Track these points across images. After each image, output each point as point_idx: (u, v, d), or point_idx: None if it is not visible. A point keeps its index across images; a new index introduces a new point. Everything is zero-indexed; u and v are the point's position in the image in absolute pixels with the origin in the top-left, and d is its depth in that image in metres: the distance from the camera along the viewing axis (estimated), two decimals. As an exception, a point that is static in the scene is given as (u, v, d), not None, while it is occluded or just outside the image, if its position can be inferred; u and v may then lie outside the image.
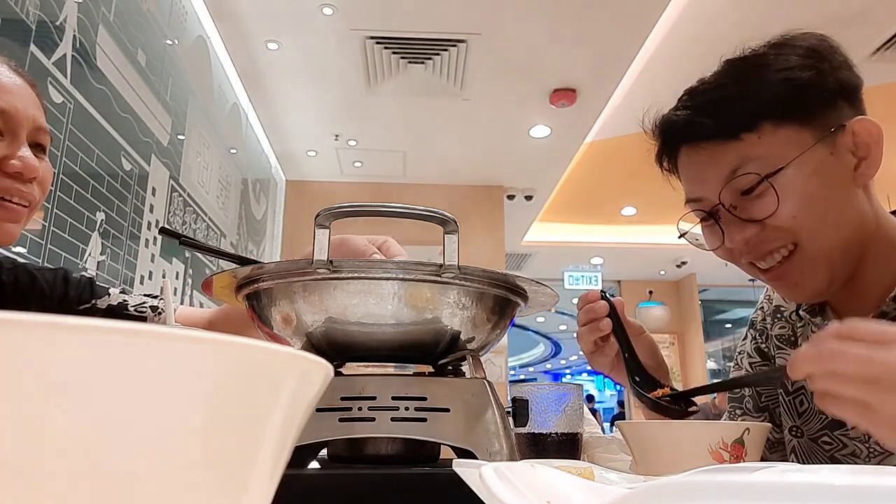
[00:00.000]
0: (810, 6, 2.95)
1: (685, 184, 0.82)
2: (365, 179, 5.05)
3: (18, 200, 0.77)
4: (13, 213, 0.77)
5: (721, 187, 0.74)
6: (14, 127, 0.77)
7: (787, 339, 0.90)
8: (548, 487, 0.33)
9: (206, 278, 0.62)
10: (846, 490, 0.21)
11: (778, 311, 0.93)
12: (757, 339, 0.96)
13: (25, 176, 0.77)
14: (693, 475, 0.26)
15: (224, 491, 0.15)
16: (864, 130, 0.73)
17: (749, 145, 0.73)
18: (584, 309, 0.83)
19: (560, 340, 13.43)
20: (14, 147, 0.77)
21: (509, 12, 3.04)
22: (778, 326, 0.92)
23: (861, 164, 0.73)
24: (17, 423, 0.12)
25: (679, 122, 0.78)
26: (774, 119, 0.72)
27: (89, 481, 0.13)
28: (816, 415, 0.83)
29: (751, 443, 0.58)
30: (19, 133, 0.78)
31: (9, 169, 0.76)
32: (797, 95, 0.72)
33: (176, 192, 2.70)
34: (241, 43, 3.30)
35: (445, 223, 0.58)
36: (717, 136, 0.74)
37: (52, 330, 0.12)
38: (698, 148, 0.77)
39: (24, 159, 0.77)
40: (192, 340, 0.14)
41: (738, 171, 0.73)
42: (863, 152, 0.73)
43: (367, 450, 0.58)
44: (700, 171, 0.78)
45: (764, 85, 0.73)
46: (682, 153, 0.80)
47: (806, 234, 0.72)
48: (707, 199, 0.78)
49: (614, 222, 6.33)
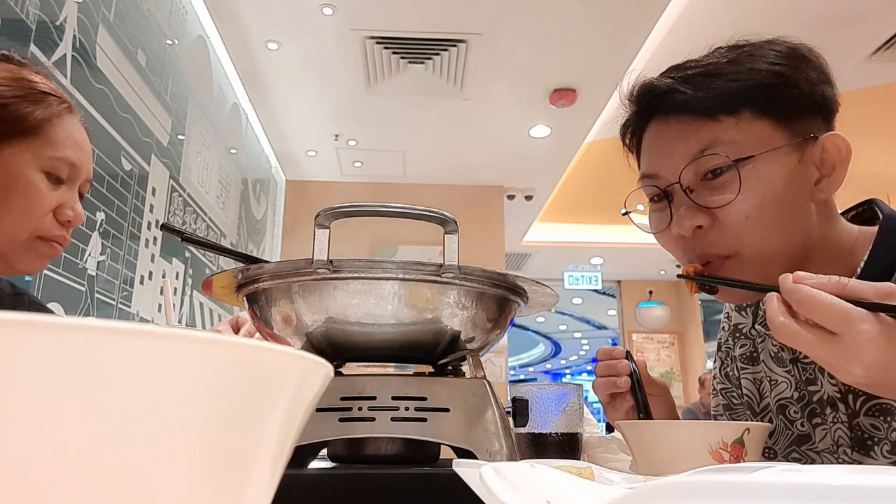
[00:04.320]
0: (810, 6, 2.95)
1: (646, 157, 0.79)
2: (365, 179, 5.05)
3: (60, 242, 0.85)
4: (55, 252, 0.85)
5: (684, 165, 0.72)
6: (74, 178, 0.85)
7: (748, 357, 0.89)
8: (548, 487, 0.33)
9: (206, 278, 0.62)
10: (846, 490, 0.21)
11: (737, 330, 0.92)
12: (724, 362, 0.95)
13: (73, 224, 0.85)
14: (693, 475, 0.26)
15: (224, 491, 0.15)
16: (834, 147, 0.72)
17: (724, 128, 0.71)
18: (605, 364, 0.82)
19: (560, 340, 13.42)
20: (70, 196, 0.85)
21: (509, 12, 3.04)
22: (739, 345, 0.91)
23: (822, 181, 0.72)
24: (17, 422, 0.12)
25: (658, 89, 0.75)
26: (755, 108, 0.71)
27: (89, 481, 0.13)
28: (783, 431, 0.83)
29: (751, 443, 0.58)
30: (76, 184, 0.86)
31: (62, 217, 0.84)
32: (782, 91, 0.71)
33: (176, 192, 2.69)
34: (241, 43, 3.30)
35: (445, 223, 0.57)
36: (695, 110, 0.72)
37: (53, 330, 0.12)
38: (671, 120, 0.74)
39: (77, 211, 0.85)
40: (193, 340, 0.14)
41: (707, 151, 0.71)
42: (827, 169, 0.72)
43: (367, 450, 0.58)
44: (666, 145, 0.75)
45: (753, 71, 0.71)
46: (652, 126, 0.78)
47: (749, 243, 0.70)
48: (664, 177, 0.75)
49: (614, 222, 6.33)
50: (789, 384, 0.82)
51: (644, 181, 0.79)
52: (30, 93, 0.80)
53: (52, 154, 0.81)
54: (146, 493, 0.13)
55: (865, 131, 4.09)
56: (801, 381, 0.80)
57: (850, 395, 0.74)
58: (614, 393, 0.81)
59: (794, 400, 0.82)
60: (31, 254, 0.83)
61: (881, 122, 3.99)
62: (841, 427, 0.75)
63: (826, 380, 0.77)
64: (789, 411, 0.82)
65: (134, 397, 0.13)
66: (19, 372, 0.12)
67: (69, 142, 0.84)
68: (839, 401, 0.75)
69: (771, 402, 0.84)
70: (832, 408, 0.76)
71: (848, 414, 0.74)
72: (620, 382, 0.79)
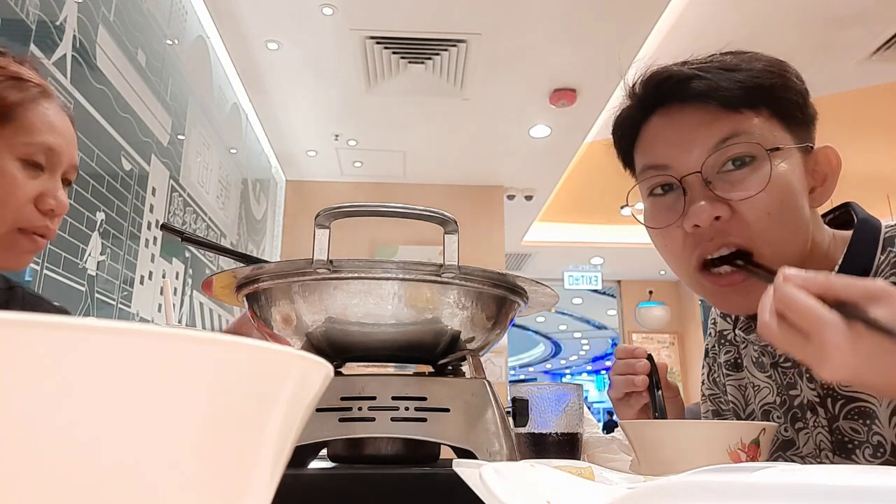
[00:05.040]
0: (810, 6, 2.95)
1: (651, 147, 0.76)
2: (365, 179, 5.05)
3: (44, 233, 0.81)
4: (37, 245, 0.81)
5: (706, 154, 0.70)
6: (55, 164, 0.81)
7: (732, 363, 0.89)
8: (547, 487, 0.33)
9: (206, 278, 0.62)
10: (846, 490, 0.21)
11: (722, 337, 0.91)
12: (711, 368, 0.95)
13: (56, 213, 0.81)
14: (693, 475, 0.26)
15: (224, 491, 0.15)
16: (826, 159, 0.73)
17: (746, 120, 0.70)
18: (625, 361, 0.81)
19: (560, 340, 13.42)
20: (52, 184, 0.81)
21: (509, 12, 3.03)
22: (724, 352, 0.91)
23: (816, 190, 0.73)
24: (18, 422, 0.12)
25: (679, 75, 0.72)
26: (771, 108, 0.71)
27: (89, 480, 0.13)
28: None
29: (764, 443, 0.58)
30: (57, 171, 0.81)
31: (44, 206, 0.79)
32: (791, 97, 0.71)
33: (176, 192, 2.69)
34: (241, 43, 3.30)
35: (445, 223, 0.57)
36: (718, 99, 0.70)
37: (54, 330, 0.12)
38: (687, 109, 0.72)
39: (59, 199, 0.81)
40: (193, 340, 0.14)
41: (731, 139, 0.69)
42: (818, 180, 0.73)
43: (367, 450, 0.58)
44: (682, 134, 0.72)
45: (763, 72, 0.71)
46: (658, 116, 0.75)
47: (768, 241, 0.68)
48: (676, 168, 0.72)
49: (614, 222, 6.33)
50: (771, 389, 0.82)
51: (649, 172, 0.75)
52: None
53: (26, 140, 0.77)
54: (146, 493, 0.13)
55: (865, 131, 4.09)
56: (782, 386, 0.80)
57: (829, 399, 0.74)
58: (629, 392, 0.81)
59: (776, 405, 0.81)
60: (11, 251, 0.79)
61: (881, 121, 3.99)
62: (822, 431, 0.75)
63: (805, 384, 0.76)
64: (773, 416, 0.82)
65: (134, 397, 0.13)
66: (19, 372, 0.12)
67: (45, 127, 0.79)
68: (818, 405, 0.75)
69: (756, 407, 0.84)
70: (812, 412, 0.76)
71: (828, 418, 0.74)
72: (638, 381, 0.79)
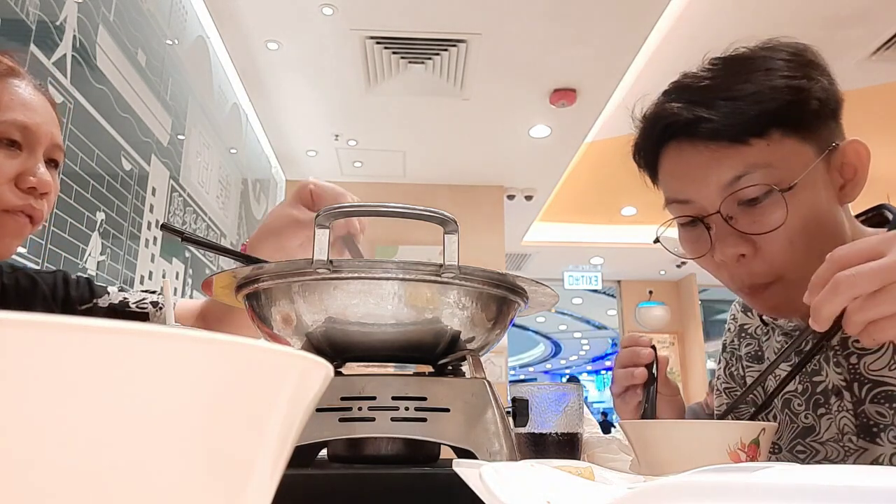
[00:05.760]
0: (810, 6, 2.95)
1: (671, 181, 0.77)
2: (365, 179, 5.05)
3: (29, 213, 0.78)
4: (22, 226, 0.78)
5: (724, 194, 0.70)
6: (32, 142, 0.79)
7: (754, 355, 0.90)
8: (547, 487, 0.33)
9: (206, 278, 0.62)
10: (846, 490, 0.21)
11: (743, 330, 0.92)
12: (729, 362, 0.95)
13: (39, 191, 0.78)
14: (693, 475, 0.26)
15: (224, 491, 0.15)
16: (854, 152, 0.72)
17: (756, 151, 0.69)
18: (630, 350, 0.80)
19: (560, 340, 13.43)
20: (31, 162, 0.78)
21: (509, 12, 3.03)
22: (745, 345, 0.92)
23: (846, 185, 0.72)
24: (18, 422, 0.12)
25: (683, 118, 0.72)
26: (782, 128, 0.69)
27: (89, 480, 0.13)
28: (788, 426, 0.83)
29: (764, 443, 0.58)
30: (37, 149, 0.79)
31: (24, 185, 0.77)
32: (804, 106, 0.70)
33: (176, 192, 2.69)
34: (241, 43, 3.30)
35: (445, 223, 0.57)
36: (725, 137, 0.69)
37: (53, 330, 0.12)
38: (698, 146, 0.72)
39: (40, 175, 0.78)
40: (193, 340, 0.14)
41: (744, 178, 0.69)
42: (848, 174, 0.72)
43: (367, 450, 0.57)
44: (697, 171, 0.72)
45: (774, 90, 0.69)
46: (671, 148, 0.75)
47: (794, 267, 0.69)
48: (697, 203, 0.73)
49: (614, 222, 6.33)
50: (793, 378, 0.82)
51: (674, 206, 0.77)
52: None
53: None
54: (146, 493, 0.13)
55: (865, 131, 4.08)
56: (805, 374, 0.81)
57: (856, 384, 0.75)
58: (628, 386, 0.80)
59: (798, 393, 0.82)
60: None
61: (882, 121, 3.99)
62: (846, 415, 0.76)
63: (831, 369, 0.77)
64: (793, 405, 0.83)
65: (133, 397, 0.13)
66: (19, 372, 0.12)
67: (15, 104, 0.78)
68: (844, 389, 0.76)
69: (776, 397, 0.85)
70: (837, 396, 0.77)
71: (853, 402, 0.75)
72: (637, 373, 0.78)
